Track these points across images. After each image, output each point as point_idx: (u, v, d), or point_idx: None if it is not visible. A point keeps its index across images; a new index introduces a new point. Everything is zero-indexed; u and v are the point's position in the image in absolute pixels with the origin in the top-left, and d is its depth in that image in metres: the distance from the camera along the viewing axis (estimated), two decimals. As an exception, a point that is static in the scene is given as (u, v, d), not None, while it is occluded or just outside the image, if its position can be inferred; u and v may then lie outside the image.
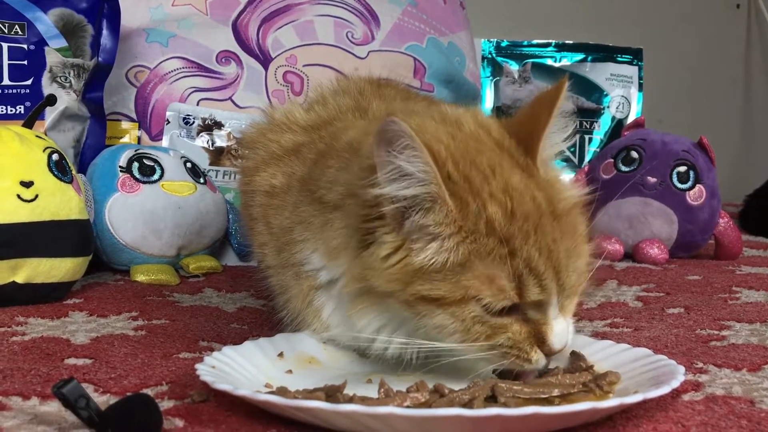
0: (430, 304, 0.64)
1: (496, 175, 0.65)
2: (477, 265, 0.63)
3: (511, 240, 0.63)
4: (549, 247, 0.64)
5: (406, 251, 0.64)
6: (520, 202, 0.64)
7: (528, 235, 0.63)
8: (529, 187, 0.65)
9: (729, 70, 2.83)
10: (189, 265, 1.22)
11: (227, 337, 0.88)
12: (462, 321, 0.64)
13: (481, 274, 0.63)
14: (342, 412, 0.56)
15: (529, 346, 0.65)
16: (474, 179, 0.64)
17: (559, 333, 0.65)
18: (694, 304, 1.05)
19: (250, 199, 0.83)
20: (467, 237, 0.63)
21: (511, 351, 0.65)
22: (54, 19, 1.25)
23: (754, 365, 0.77)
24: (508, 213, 0.63)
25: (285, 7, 1.54)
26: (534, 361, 0.65)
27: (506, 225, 0.63)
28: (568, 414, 0.57)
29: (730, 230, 1.45)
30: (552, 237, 0.64)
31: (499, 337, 0.65)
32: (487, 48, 1.87)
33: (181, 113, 1.42)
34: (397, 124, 0.61)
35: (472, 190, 0.63)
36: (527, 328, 0.65)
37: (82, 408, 0.56)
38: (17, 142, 1.00)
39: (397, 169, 0.63)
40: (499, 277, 0.63)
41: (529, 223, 0.63)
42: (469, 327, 0.64)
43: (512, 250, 0.63)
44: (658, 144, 1.46)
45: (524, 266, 0.63)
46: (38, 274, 0.99)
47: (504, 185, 0.64)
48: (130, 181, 1.21)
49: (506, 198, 0.64)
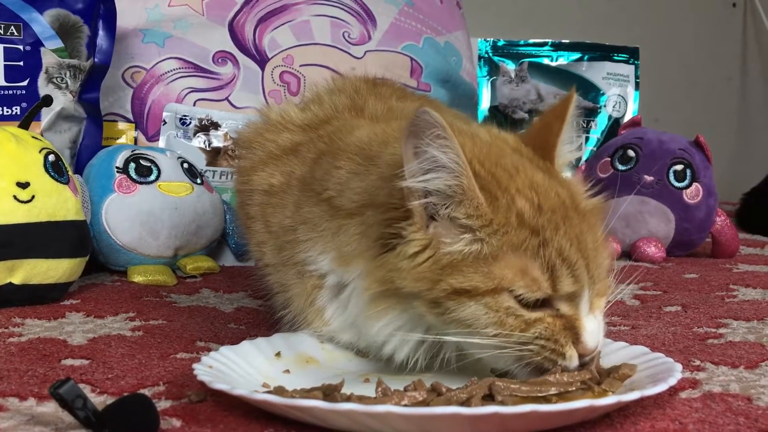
0: (461, 297, 0.63)
1: (520, 173, 0.66)
2: (509, 256, 0.63)
3: (542, 231, 0.64)
4: (578, 238, 0.65)
5: (435, 248, 0.64)
6: (545, 197, 0.65)
7: (558, 227, 0.64)
8: (553, 185, 0.67)
9: (725, 68, 2.83)
10: (186, 265, 1.22)
11: (224, 337, 0.88)
12: (496, 312, 0.63)
13: (514, 265, 0.63)
14: (340, 411, 0.56)
15: (564, 340, 0.64)
16: (500, 176, 0.65)
17: (592, 331, 0.65)
18: (691, 302, 1.05)
19: (248, 198, 0.83)
20: (499, 229, 0.63)
21: (548, 343, 0.64)
22: (50, 20, 1.25)
23: (751, 362, 0.77)
24: (536, 206, 0.64)
25: (281, 7, 1.54)
26: (568, 356, 0.64)
27: (535, 217, 0.64)
28: (565, 412, 0.57)
29: (726, 228, 1.45)
30: (579, 229, 0.65)
31: (534, 330, 0.64)
32: (484, 47, 1.87)
33: (178, 114, 1.42)
34: (430, 114, 0.62)
35: (500, 186, 0.65)
36: (561, 322, 0.65)
37: (79, 408, 0.56)
38: (13, 143, 1.00)
39: (431, 159, 0.63)
40: (532, 267, 0.63)
41: (557, 215, 0.65)
42: (503, 319, 0.63)
43: (544, 241, 0.63)
44: (654, 143, 1.47)
45: (557, 256, 0.63)
46: (35, 275, 0.99)
47: (529, 182, 0.66)
48: (127, 181, 1.21)
49: (532, 193, 0.65)
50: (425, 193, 0.65)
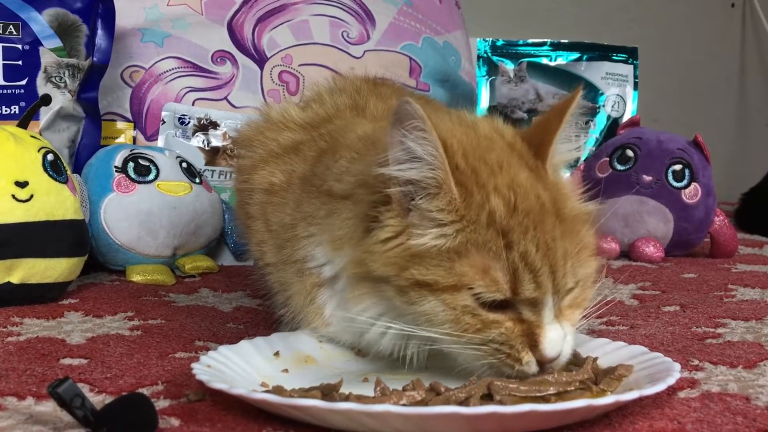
0: (423, 290, 0.64)
1: (504, 170, 0.65)
2: (473, 254, 0.63)
3: (509, 233, 0.63)
4: (548, 244, 0.63)
5: (407, 235, 0.64)
6: (523, 198, 0.64)
7: (527, 230, 0.63)
8: (535, 186, 0.66)
9: (724, 68, 2.83)
10: (185, 265, 1.22)
11: (223, 336, 0.88)
12: (452, 309, 0.63)
13: (476, 263, 0.63)
14: (338, 410, 0.56)
15: (521, 346, 0.64)
16: (481, 172, 0.65)
17: (553, 339, 0.64)
18: (689, 302, 1.05)
19: (248, 197, 0.83)
20: (467, 226, 0.63)
21: (502, 348, 0.64)
22: (48, 19, 1.25)
23: (749, 362, 0.77)
24: (510, 207, 0.64)
25: (280, 6, 1.54)
26: (524, 362, 0.64)
27: (507, 218, 0.63)
28: (563, 411, 0.57)
29: (725, 228, 1.45)
30: (552, 236, 0.64)
31: (490, 332, 0.64)
32: (483, 47, 1.87)
33: (177, 113, 1.41)
34: (410, 105, 0.62)
35: (477, 182, 0.64)
36: (521, 328, 0.64)
37: (78, 408, 0.56)
38: (12, 143, 1.00)
39: (406, 150, 0.63)
40: (493, 268, 0.63)
41: (530, 218, 0.64)
42: (459, 317, 0.64)
43: (509, 243, 0.63)
44: (653, 142, 1.47)
45: (520, 260, 0.63)
46: (33, 275, 0.99)
47: (510, 181, 0.65)
48: (126, 181, 1.21)
49: (510, 193, 0.64)
50: (403, 182, 0.65)
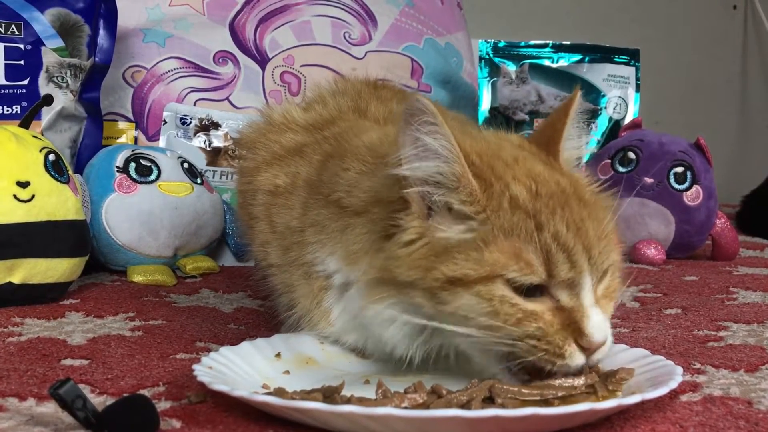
0: (455, 286, 0.62)
1: (519, 163, 0.66)
2: (502, 240, 0.61)
3: (538, 215, 0.62)
4: (577, 224, 0.62)
5: (430, 236, 0.64)
6: (544, 184, 0.64)
7: (555, 211, 0.62)
8: (553, 175, 0.66)
9: (726, 71, 2.83)
10: (186, 265, 1.22)
11: (224, 337, 0.88)
12: (489, 300, 0.61)
13: (507, 248, 0.61)
14: (340, 413, 0.56)
15: (562, 339, 0.61)
16: (497, 166, 0.65)
17: (598, 323, 0.61)
18: (691, 305, 1.05)
19: (251, 198, 0.82)
20: (492, 214, 0.62)
21: (540, 344, 0.61)
22: (51, 19, 1.25)
23: (751, 366, 0.77)
24: (533, 192, 0.63)
25: (282, 7, 1.54)
26: (568, 355, 0.61)
27: (532, 202, 0.63)
28: (565, 415, 0.56)
29: (727, 231, 1.45)
30: (580, 216, 0.63)
31: (528, 326, 0.61)
32: (485, 48, 1.87)
33: (178, 113, 1.41)
34: (420, 101, 0.62)
35: (495, 174, 0.64)
36: (561, 319, 0.61)
37: (79, 409, 0.56)
38: (14, 143, 1.00)
39: (421, 144, 0.63)
40: (526, 251, 0.61)
41: (555, 201, 0.63)
42: (498, 308, 0.61)
43: (539, 224, 0.62)
44: (655, 145, 1.47)
45: (552, 240, 0.61)
46: (35, 275, 0.99)
47: (527, 171, 0.65)
48: (127, 181, 1.21)
49: (530, 180, 0.64)
50: (420, 180, 0.64)
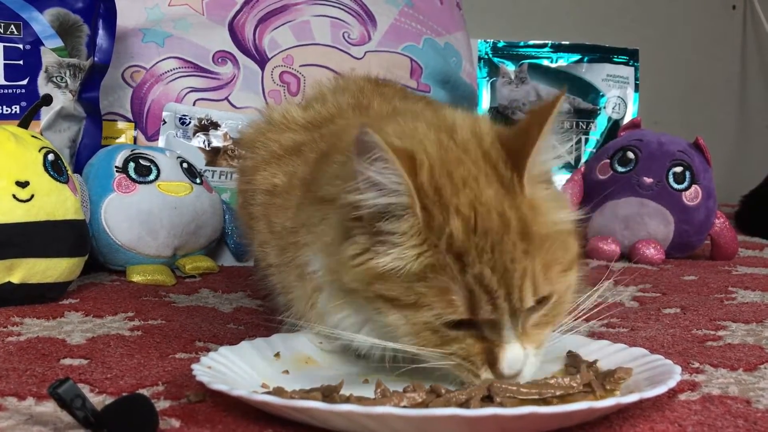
0: (387, 303, 0.65)
1: (468, 187, 0.64)
2: (432, 276, 0.63)
3: (466, 255, 0.62)
4: (506, 266, 0.62)
5: (372, 255, 0.65)
6: (484, 217, 0.63)
7: (483, 252, 0.62)
8: (502, 204, 0.63)
9: (725, 71, 2.83)
10: (185, 265, 1.22)
11: (223, 337, 0.88)
12: (413, 325, 0.64)
13: (435, 285, 0.63)
14: (339, 412, 0.56)
15: (480, 362, 0.64)
16: (445, 191, 0.63)
17: (511, 359, 0.63)
18: (690, 305, 1.05)
19: (251, 197, 0.82)
20: (428, 249, 0.63)
21: (463, 363, 0.65)
22: (50, 19, 1.25)
23: (750, 365, 0.77)
24: (469, 228, 0.62)
25: (282, 7, 1.54)
26: (483, 378, 0.64)
27: (465, 240, 0.62)
28: (564, 414, 0.57)
29: (726, 231, 1.45)
30: (512, 257, 0.62)
31: (451, 346, 0.65)
32: (484, 48, 1.88)
33: (178, 113, 1.41)
34: (370, 135, 0.61)
35: (440, 203, 0.63)
36: (481, 345, 0.64)
37: (78, 408, 0.56)
38: (13, 142, 1.00)
39: (369, 180, 0.63)
40: (451, 290, 0.62)
41: (488, 239, 0.62)
42: (419, 331, 0.64)
43: (465, 264, 0.62)
44: (654, 144, 1.47)
45: (475, 282, 0.62)
46: (34, 275, 0.99)
47: (473, 199, 0.63)
48: (126, 181, 1.21)
49: (471, 212, 0.63)
50: (370, 207, 0.65)
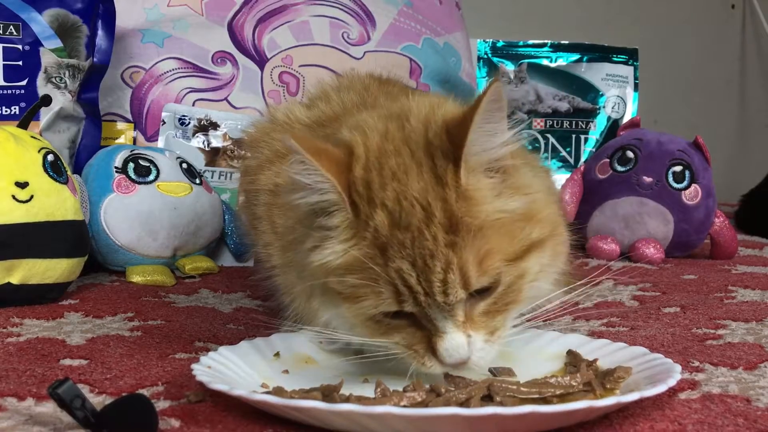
0: (335, 297, 0.67)
1: (397, 181, 0.64)
2: (362, 269, 0.64)
3: (389, 249, 0.63)
4: (425, 261, 0.62)
5: (315, 251, 0.67)
6: (408, 211, 0.63)
7: (403, 247, 0.63)
8: (427, 197, 0.63)
9: (724, 70, 2.83)
10: (185, 265, 1.22)
11: (223, 337, 0.88)
12: (355, 316, 0.66)
13: (366, 278, 0.64)
14: (339, 411, 0.56)
15: (423, 350, 0.65)
16: (374, 185, 0.64)
17: (451, 347, 0.64)
18: (690, 304, 1.05)
19: (254, 198, 0.83)
20: (358, 243, 0.64)
21: (408, 351, 0.66)
22: (49, 20, 1.25)
23: (750, 364, 0.77)
24: (393, 222, 0.63)
25: (281, 7, 1.54)
26: (428, 366, 0.65)
27: (387, 234, 0.63)
28: (564, 413, 0.57)
29: (725, 230, 1.45)
30: (431, 251, 0.62)
31: (393, 336, 0.66)
32: (483, 48, 1.88)
33: (177, 114, 1.41)
34: (287, 140, 0.64)
35: (368, 197, 0.64)
36: (421, 334, 0.66)
37: (78, 408, 0.56)
38: (12, 143, 1.00)
39: (295, 182, 0.66)
40: (377, 282, 0.64)
41: (409, 234, 0.63)
42: (363, 322, 0.66)
43: (387, 258, 0.63)
44: (653, 144, 1.47)
45: (396, 275, 0.63)
46: (34, 275, 0.99)
47: (399, 192, 0.64)
48: (126, 181, 1.21)
49: (396, 206, 0.63)
50: (307, 205, 0.67)
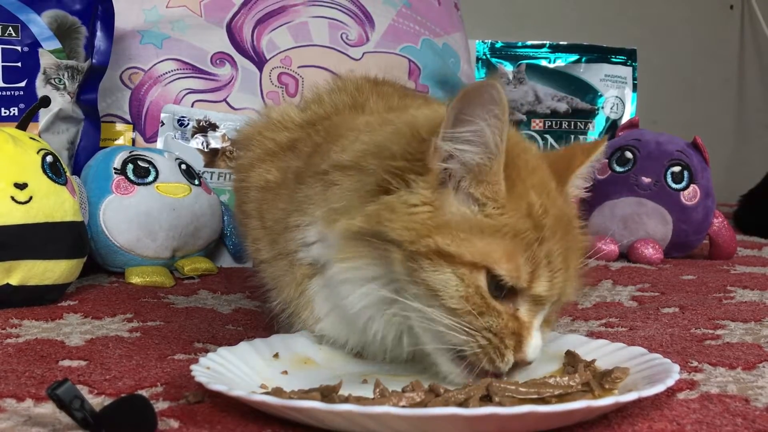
0: (441, 260, 0.64)
1: (537, 174, 0.68)
2: (505, 239, 0.64)
3: (542, 228, 0.65)
4: (567, 252, 0.67)
5: (439, 206, 0.65)
6: (553, 203, 0.67)
7: (555, 232, 0.66)
8: (559, 198, 0.70)
9: (723, 70, 2.83)
10: (184, 266, 1.22)
11: (222, 338, 0.88)
12: (466, 286, 0.64)
13: (506, 247, 0.64)
14: (338, 412, 0.56)
15: (509, 341, 0.65)
16: (521, 167, 0.67)
17: (536, 345, 0.66)
18: (688, 304, 1.05)
19: (245, 196, 0.83)
20: (507, 213, 0.65)
21: (493, 339, 0.65)
22: (48, 21, 1.25)
23: (748, 364, 0.77)
24: (544, 207, 0.66)
25: (279, 8, 1.54)
26: (506, 360, 0.65)
27: (542, 215, 0.66)
28: (563, 413, 0.57)
29: (724, 230, 1.46)
30: (571, 246, 0.68)
31: (490, 320, 0.65)
32: (482, 49, 1.88)
33: (176, 115, 1.42)
34: (497, 89, 0.62)
35: (520, 176, 0.66)
36: (513, 326, 0.66)
37: (77, 409, 0.56)
38: (11, 144, 1.00)
39: (478, 133, 0.64)
40: (520, 256, 0.64)
41: (558, 223, 0.67)
42: (470, 295, 0.64)
43: (541, 238, 0.65)
44: (652, 144, 1.47)
45: (544, 256, 0.65)
46: (33, 276, 0.99)
47: (543, 183, 0.68)
48: (125, 182, 1.21)
49: (544, 194, 0.67)
50: (458, 160, 0.65)
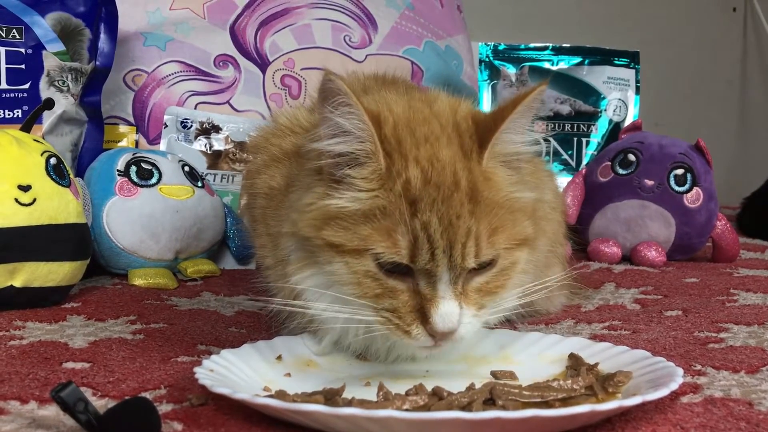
0: (332, 251, 0.67)
1: (429, 144, 0.67)
2: (380, 218, 0.65)
3: (418, 202, 0.65)
4: (451, 221, 0.65)
5: (326, 200, 0.68)
6: (439, 172, 0.66)
7: (434, 203, 0.65)
8: (456, 164, 0.67)
9: (725, 72, 2.83)
10: (187, 268, 1.22)
11: (225, 340, 0.88)
12: (354, 273, 0.66)
13: (382, 226, 0.65)
14: (341, 415, 0.56)
15: (411, 318, 0.66)
16: (405, 142, 0.67)
17: (445, 314, 0.65)
18: (691, 307, 1.05)
19: (253, 201, 0.84)
20: (385, 192, 0.66)
21: (392, 318, 0.66)
22: (51, 23, 1.26)
23: (752, 367, 0.77)
24: (425, 179, 0.66)
25: (283, 10, 1.54)
26: (413, 335, 0.66)
27: (418, 188, 0.65)
28: (566, 416, 0.57)
29: (727, 233, 1.45)
30: (457, 213, 0.65)
31: (385, 301, 0.66)
32: (485, 51, 1.88)
33: (179, 117, 1.42)
34: (333, 82, 0.64)
35: (400, 152, 0.67)
36: (414, 301, 0.66)
37: (81, 412, 0.56)
38: (15, 146, 1.00)
39: (335, 125, 0.66)
40: (397, 232, 0.65)
41: (440, 192, 0.65)
42: (360, 279, 0.66)
43: (414, 211, 0.65)
44: (655, 147, 1.47)
45: (421, 229, 0.65)
46: (36, 278, 0.99)
47: (431, 155, 0.67)
48: (128, 184, 1.21)
49: (429, 165, 0.66)
50: (334, 154, 0.68)
